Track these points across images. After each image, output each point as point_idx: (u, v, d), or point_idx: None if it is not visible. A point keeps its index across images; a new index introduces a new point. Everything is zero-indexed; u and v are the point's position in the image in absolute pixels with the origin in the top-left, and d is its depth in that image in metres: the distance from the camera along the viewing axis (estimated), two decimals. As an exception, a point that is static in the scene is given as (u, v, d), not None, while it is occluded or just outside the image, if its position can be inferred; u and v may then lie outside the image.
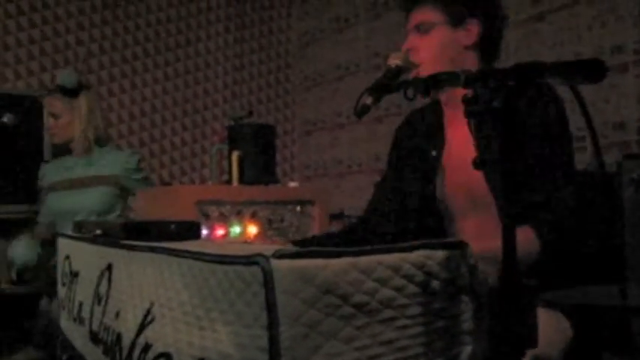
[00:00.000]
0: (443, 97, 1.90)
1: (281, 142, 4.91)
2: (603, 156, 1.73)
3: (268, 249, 0.95)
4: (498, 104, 0.91)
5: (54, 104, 3.17)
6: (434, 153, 1.91)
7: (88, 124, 3.15)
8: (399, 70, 1.58)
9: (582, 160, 2.94)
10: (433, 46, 1.78)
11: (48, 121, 3.24)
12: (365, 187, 4.28)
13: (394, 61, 1.60)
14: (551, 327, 1.48)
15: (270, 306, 0.90)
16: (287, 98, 5.24)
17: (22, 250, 3.07)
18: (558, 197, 1.59)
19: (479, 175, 1.69)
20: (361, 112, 1.54)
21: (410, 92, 1.26)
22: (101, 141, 3.23)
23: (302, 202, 2.74)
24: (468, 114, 0.96)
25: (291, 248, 0.96)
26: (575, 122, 1.95)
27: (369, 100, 1.53)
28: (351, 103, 1.65)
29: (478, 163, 0.96)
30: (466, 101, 0.95)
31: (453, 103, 1.85)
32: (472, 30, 1.79)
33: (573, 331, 1.56)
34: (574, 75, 0.85)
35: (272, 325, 0.90)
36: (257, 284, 0.93)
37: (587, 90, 0.93)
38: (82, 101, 3.15)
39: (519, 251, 1.49)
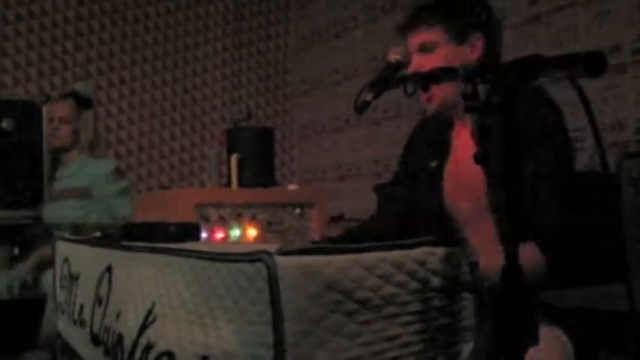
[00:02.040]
0: (456, 112, 1.87)
1: (280, 147, 4.91)
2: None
3: (274, 246, 0.96)
4: (498, 99, 0.91)
5: (64, 109, 3.21)
6: (433, 164, 1.90)
7: (93, 136, 3.21)
8: (399, 65, 1.57)
9: (581, 160, 2.94)
10: (440, 63, 1.73)
11: (50, 124, 3.24)
12: (365, 191, 4.28)
13: (394, 55, 1.58)
14: (555, 351, 1.48)
15: (275, 302, 0.90)
16: (285, 103, 5.24)
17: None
18: (557, 206, 1.59)
19: (483, 182, 1.69)
20: (361, 107, 1.53)
21: (410, 87, 1.25)
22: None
23: (301, 205, 2.74)
24: (468, 109, 0.96)
25: (294, 245, 0.96)
26: (574, 123, 1.95)
27: (369, 96, 1.52)
28: (350, 107, 1.64)
29: (478, 158, 0.96)
30: (465, 96, 0.95)
31: (463, 115, 1.84)
32: (477, 44, 1.76)
33: (572, 334, 1.56)
34: (574, 68, 0.85)
35: (277, 321, 0.90)
36: (261, 280, 0.93)
37: (585, 90, 0.92)
38: (91, 114, 3.23)
39: (527, 269, 1.49)
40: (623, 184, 2.41)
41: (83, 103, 3.23)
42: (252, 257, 0.95)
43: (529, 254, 1.54)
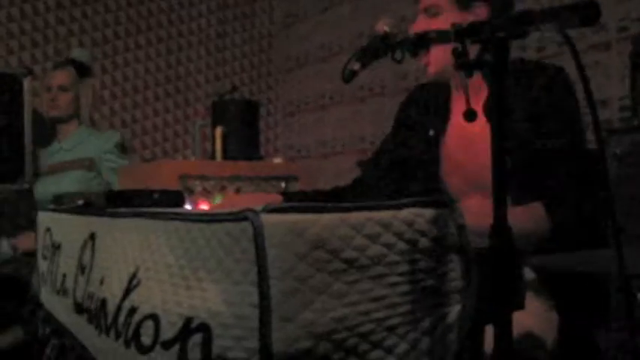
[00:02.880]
0: (454, 80, 1.87)
1: (264, 123, 4.88)
2: (586, 132, 1.75)
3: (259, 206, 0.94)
4: (489, 57, 0.90)
5: (63, 77, 3.14)
6: (431, 133, 1.91)
7: (93, 105, 3.18)
8: (387, 36, 1.56)
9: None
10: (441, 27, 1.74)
11: (48, 93, 3.17)
12: (348, 168, 4.27)
13: (382, 26, 1.58)
14: (539, 318, 1.49)
15: (260, 261, 0.89)
16: (270, 79, 5.22)
17: None
18: (570, 177, 1.62)
19: (480, 155, 1.71)
20: (348, 77, 1.53)
21: (398, 54, 1.24)
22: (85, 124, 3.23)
23: (286, 178, 2.74)
24: (458, 66, 0.95)
25: (281, 204, 0.95)
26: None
27: (356, 66, 1.52)
28: (335, 84, 1.65)
29: (467, 115, 0.95)
30: (455, 55, 0.94)
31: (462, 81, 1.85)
32: (480, 13, 1.75)
33: (562, 304, 1.57)
34: (566, 19, 0.84)
35: (262, 281, 0.89)
36: (246, 240, 0.91)
37: (570, 69, 0.92)
38: (91, 82, 3.19)
39: (530, 227, 1.51)
40: (608, 159, 2.43)
41: (83, 70, 3.19)
42: (237, 216, 0.94)
43: (533, 215, 1.57)
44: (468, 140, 1.77)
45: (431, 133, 1.91)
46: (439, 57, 1.75)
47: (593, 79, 3.04)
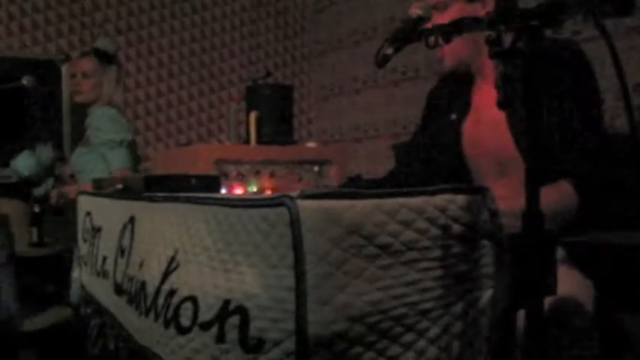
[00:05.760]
0: (474, 66, 1.89)
1: (298, 108, 4.91)
2: (621, 118, 1.73)
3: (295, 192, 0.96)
4: (523, 45, 0.91)
5: (86, 64, 3.27)
6: (453, 117, 1.93)
7: (115, 92, 3.26)
8: (419, 20, 1.57)
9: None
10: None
11: (74, 80, 3.30)
12: (382, 152, 4.29)
13: (415, 10, 1.59)
14: (578, 286, 1.49)
15: (297, 245, 0.92)
16: (303, 63, 5.23)
17: (23, 161, 3.25)
18: (593, 151, 1.60)
19: (504, 138, 1.71)
20: (382, 62, 1.54)
21: (431, 40, 1.25)
22: None
23: (320, 162, 2.76)
24: (492, 55, 0.96)
25: (315, 189, 0.97)
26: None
27: (389, 50, 1.53)
28: (368, 68, 1.66)
29: (502, 103, 0.96)
30: (490, 42, 0.95)
31: (484, 71, 1.86)
32: (489, 2, 1.75)
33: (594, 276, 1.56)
34: (599, 9, 0.85)
35: (298, 264, 0.92)
36: (283, 225, 0.94)
37: (605, 51, 0.92)
38: (114, 69, 3.29)
39: (559, 207, 1.51)
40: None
41: (105, 58, 3.29)
42: (274, 202, 0.96)
43: (561, 192, 1.56)
44: (490, 125, 1.79)
45: (452, 117, 1.93)
46: (455, 49, 1.78)
47: (629, 64, 3.00)
